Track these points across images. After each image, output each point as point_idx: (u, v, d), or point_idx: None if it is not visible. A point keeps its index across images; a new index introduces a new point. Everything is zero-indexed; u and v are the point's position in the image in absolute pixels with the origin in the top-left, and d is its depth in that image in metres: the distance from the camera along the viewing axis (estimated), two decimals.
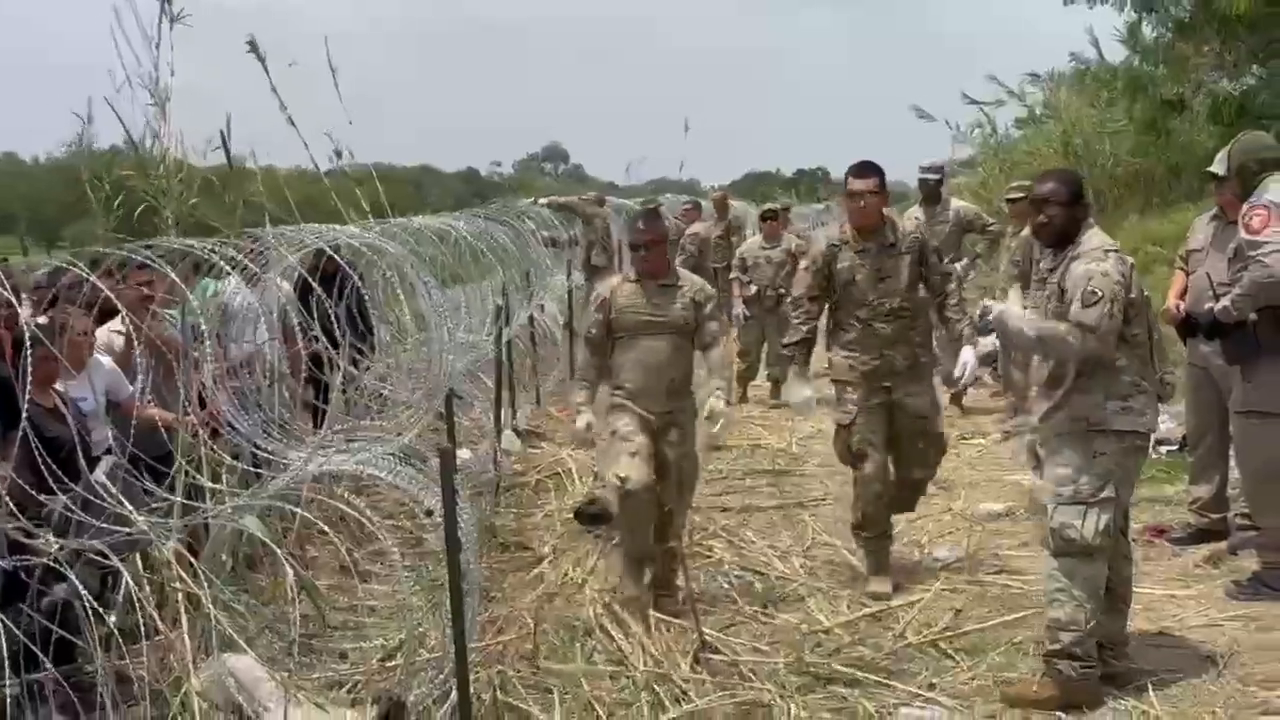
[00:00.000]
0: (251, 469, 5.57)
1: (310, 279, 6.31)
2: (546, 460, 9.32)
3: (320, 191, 9.71)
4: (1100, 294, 4.60)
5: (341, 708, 4.83)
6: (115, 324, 6.29)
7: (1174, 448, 8.18)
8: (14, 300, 4.67)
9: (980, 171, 24.32)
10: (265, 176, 8.02)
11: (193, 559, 5.01)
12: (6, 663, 4.38)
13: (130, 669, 5.05)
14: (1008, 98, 23.10)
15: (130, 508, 4.59)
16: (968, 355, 6.39)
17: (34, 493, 4.65)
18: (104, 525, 4.52)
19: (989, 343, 7.99)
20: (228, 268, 5.10)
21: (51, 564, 4.39)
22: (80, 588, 4.29)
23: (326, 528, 6.06)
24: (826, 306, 6.49)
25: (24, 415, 4.23)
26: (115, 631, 4.78)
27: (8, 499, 4.40)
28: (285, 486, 5.53)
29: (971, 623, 5.78)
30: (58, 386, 5.42)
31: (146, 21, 5.30)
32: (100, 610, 4.55)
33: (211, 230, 5.89)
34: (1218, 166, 6.05)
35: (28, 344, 4.54)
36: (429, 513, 6.18)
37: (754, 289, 11.65)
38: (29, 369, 4.45)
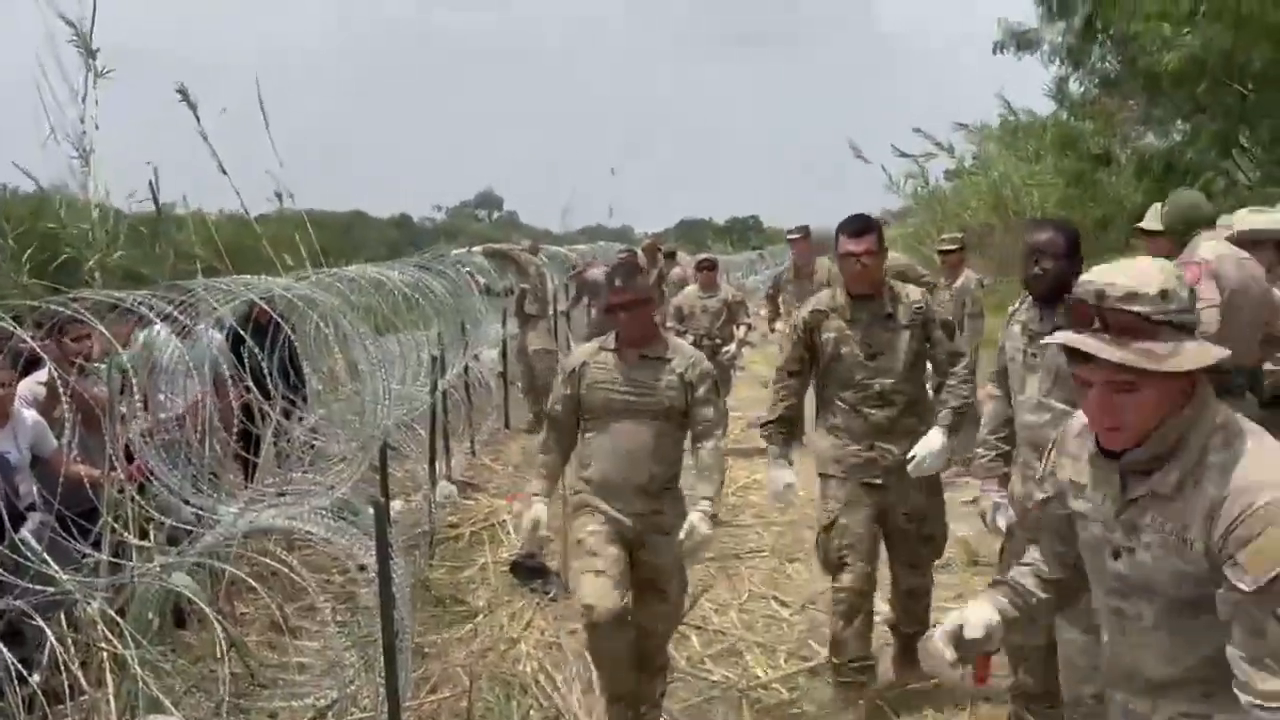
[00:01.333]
0: (180, 525, 5.47)
1: (241, 330, 6.25)
2: (482, 511, 9.26)
3: (251, 237, 9.64)
4: None
5: None
6: (40, 376, 6.18)
7: None
8: None
9: (911, 223, 24.73)
10: (196, 223, 7.96)
11: (119, 618, 4.91)
12: None
13: None
14: (937, 150, 23.56)
15: (55, 567, 4.50)
16: (934, 440, 5.25)
17: None
18: (28, 585, 4.43)
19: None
20: (156, 320, 5.03)
21: None
22: (2, 648, 4.20)
23: (256, 584, 5.97)
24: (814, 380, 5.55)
25: None
26: (39, 692, 4.68)
27: None
28: (215, 542, 5.45)
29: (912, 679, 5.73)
30: None
31: (71, 69, 5.25)
32: (24, 671, 4.45)
33: (141, 280, 5.82)
34: (1150, 222, 6.14)
35: None
36: (362, 568, 6.13)
37: (690, 338, 11.71)
38: None
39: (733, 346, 11.42)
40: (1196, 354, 2.27)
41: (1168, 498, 2.36)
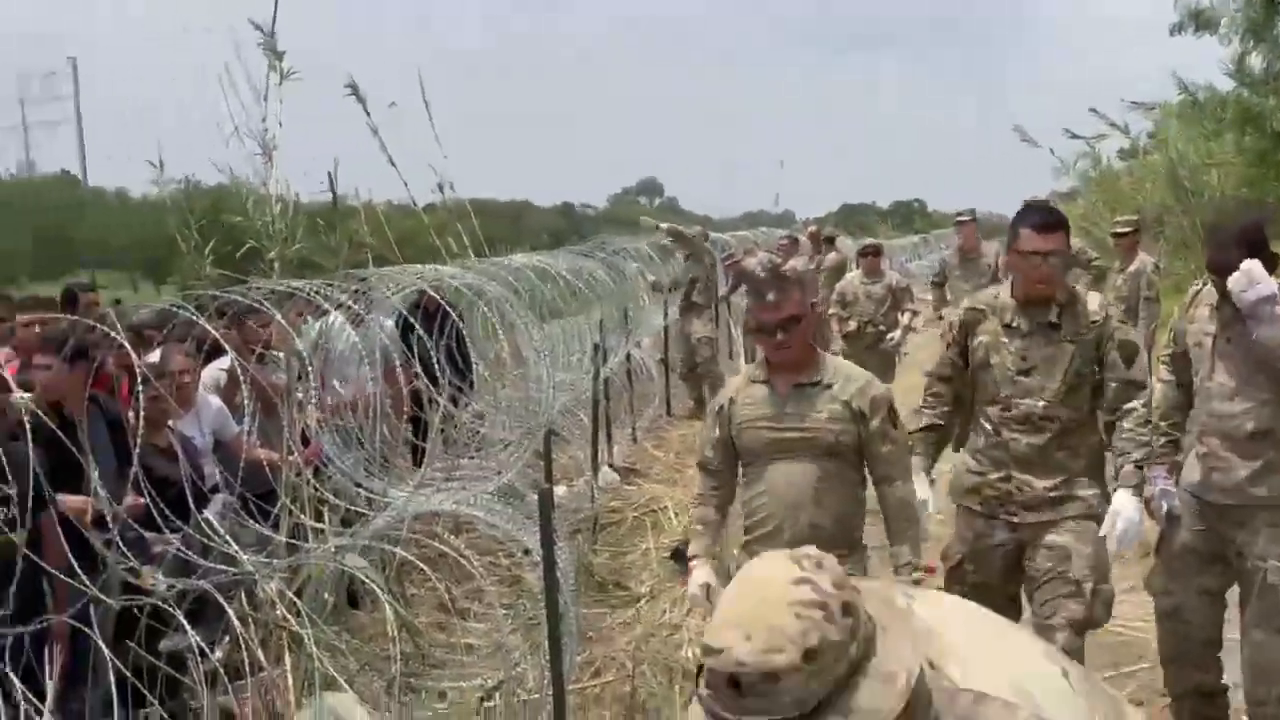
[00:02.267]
0: (353, 508, 5.64)
1: (411, 318, 6.40)
2: (643, 497, 9.32)
3: (419, 227, 9.88)
4: None
5: None
6: (222, 363, 6.43)
7: None
8: (126, 343, 4.79)
9: (1081, 203, 23.99)
10: (367, 214, 8.19)
11: (295, 597, 5.08)
12: (116, 698, 4.49)
13: (235, 706, 5.15)
14: (1110, 130, 22.80)
15: (236, 547, 4.67)
16: (1127, 507, 4.26)
17: (144, 532, 4.77)
18: (212, 565, 4.61)
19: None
20: (331, 308, 5.19)
21: (161, 604, 4.49)
22: (188, 627, 4.38)
23: (425, 566, 6.10)
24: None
25: (135, 455, 4.35)
26: (220, 668, 4.87)
27: (118, 540, 4.51)
28: (386, 525, 5.60)
29: None
30: (170, 424, 5.55)
31: (255, 71, 5.46)
32: (206, 648, 4.64)
33: (317, 269, 6.02)
34: None
35: (140, 384, 4.66)
36: (527, 551, 6.22)
37: (854, 324, 11.57)
38: (142, 409, 4.57)
39: (897, 333, 11.23)
40: (872, 707, 1.72)
41: None
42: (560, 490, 8.26)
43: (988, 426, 4.47)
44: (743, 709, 1.66)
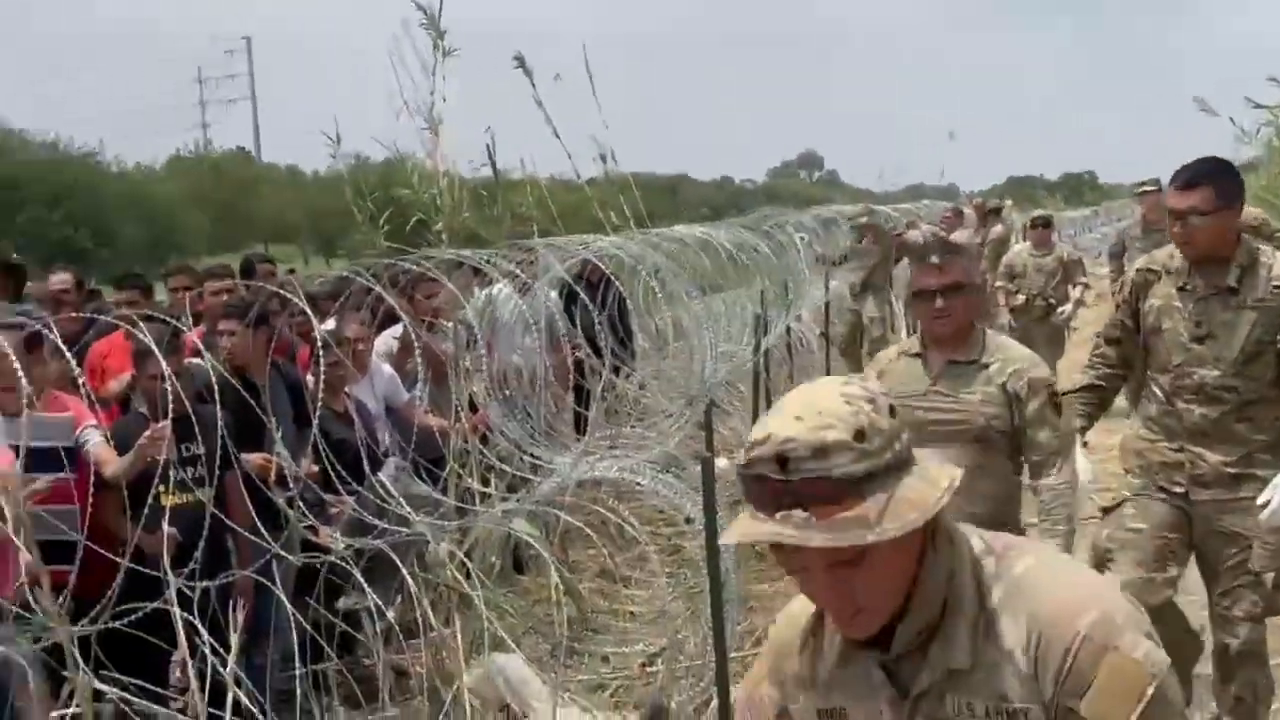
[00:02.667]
0: (519, 474, 5.76)
1: (576, 287, 6.50)
2: None
3: (580, 200, 9.99)
4: None
5: (606, 711, 4.94)
6: (394, 331, 6.63)
7: None
8: (308, 309, 4.98)
9: (1262, 174, 22.98)
10: (530, 186, 8.33)
11: (466, 559, 5.22)
12: (297, 653, 4.69)
13: (408, 664, 5.32)
14: None
15: (409, 509, 4.82)
16: None
17: (322, 493, 4.97)
18: (386, 526, 4.76)
19: None
20: (499, 277, 5.30)
21: (340, 561, 4.66)
22: (365, 585, 4.54)
23: (590, 532, 6.20)
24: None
25: (315, 419, 4.53)
26: (395, 627, 5.05)
27: (299, 500, 4.71)
28: (551, 492, 5.71)
29: None
30: (346, 390, 5.75)
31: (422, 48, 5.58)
32: (381, 607, 4.81)
33: (482, 242, 6.14)
34: None
35: (320, 351, 4.84)
36: (689, 520, 6.28)
37: (1022, 298, 11.31)
38: (321, 375, 4.75)
39: (1068, 307, 10.92)
40: (917, 496, 1.64)
41: (965, 671, 1.71)
42: (721, 463, 8.27)
43: (1159, 394, 4.17)
44: (788, 491, 1.60)
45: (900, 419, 1.68)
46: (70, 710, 4.16)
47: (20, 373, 3.88)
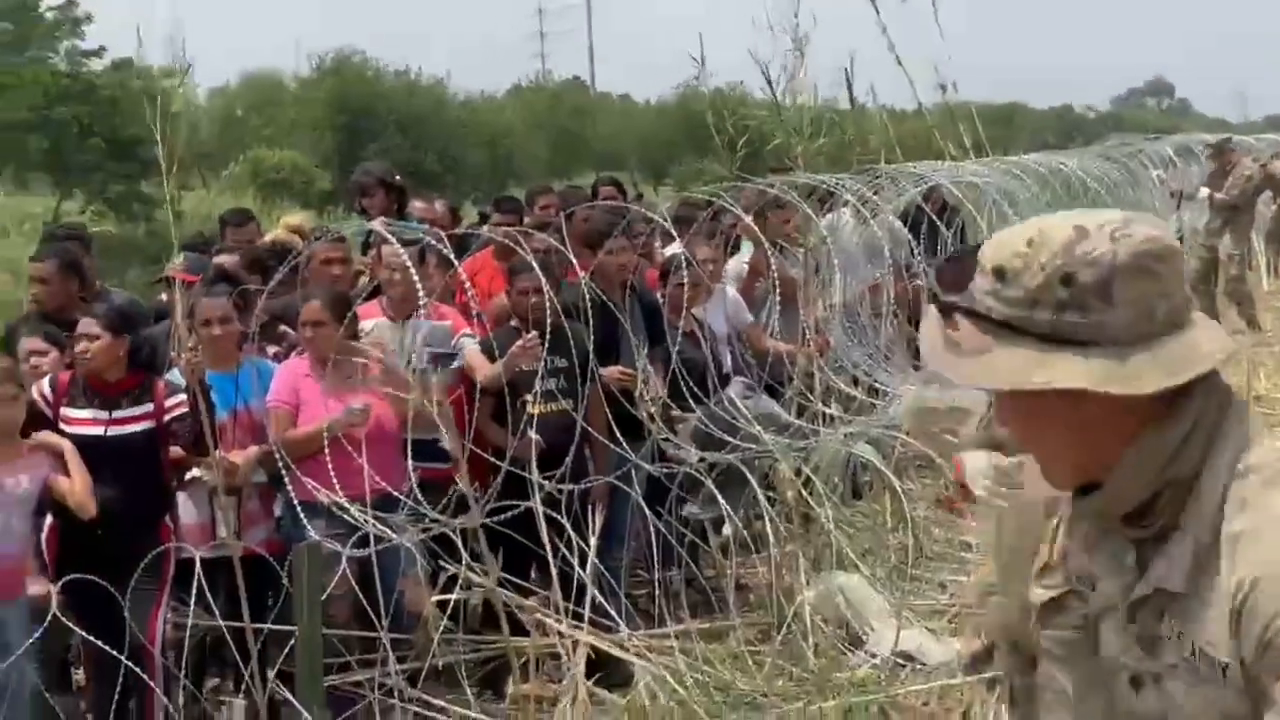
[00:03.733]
0: (862, 398, 5.82)
1: (924, 213, 6.47)
2: None
3: (919, 128, 9.85)
4: None
5: (947, 637, 4.97)
6: (743, 255, 6.77)
7: None
8: (671, 229, 5.17)
9: None
10: (874, 114, 8.27)
11: (812, 477, 5.34)
12: (646, 558, 4.96)
13: (748, 578, 5.52)
14: None
15: (758, 427, 4.97)
16: None
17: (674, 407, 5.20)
18: (736, 442, 4.94)
19: None
20: (855, 202, 5.33)
21: (694, 471, 4.88)
22: (718, 495, 4.74)
23: (932, 458, 6.18)
24: None
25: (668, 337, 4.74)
26: (738, 541, 5.24)
27: (654, 413, 4.95)
28: (890, 418, 5.75)
29: None
30: (695, 312, 5.94)
31: None
32: (731, 515, 5.01)
33: (832, 168, 6.18)
34: None
35: (671, 273, 5.05)
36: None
37: None
38: (668, 295, 4.96)
39: None
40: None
41: (1182, 596, 1.45)
42: None
43: None
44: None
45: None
46: (451, 597, 4.58)
47: (417, 282, 4.25)
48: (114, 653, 4.20)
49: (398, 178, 6.73)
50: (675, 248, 6.22)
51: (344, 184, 21.20)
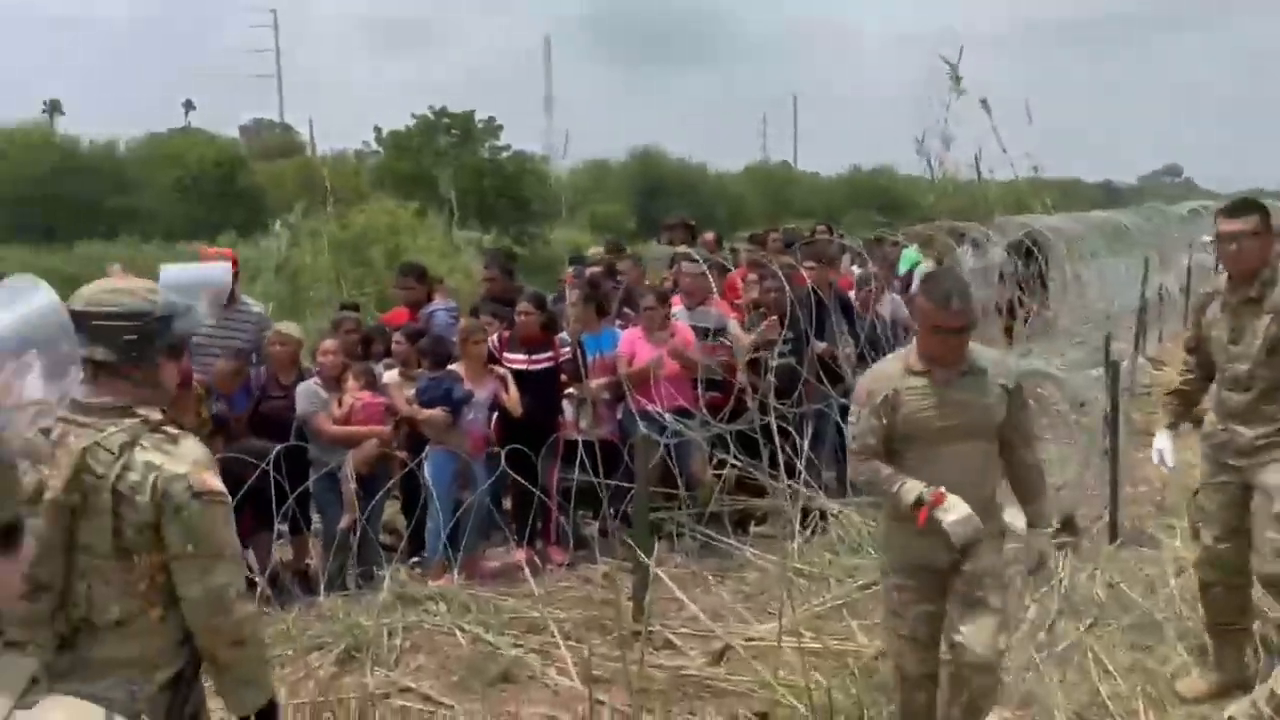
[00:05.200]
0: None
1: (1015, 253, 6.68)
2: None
3: (1008, 192, 9.88)
4: None
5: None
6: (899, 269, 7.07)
7: None
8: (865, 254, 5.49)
9: None
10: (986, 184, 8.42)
11: None
12: (840, 459, 5.33)
13: None
14: None
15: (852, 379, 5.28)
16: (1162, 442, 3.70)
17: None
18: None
19: None
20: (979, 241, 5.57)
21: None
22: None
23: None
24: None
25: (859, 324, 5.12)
26: None
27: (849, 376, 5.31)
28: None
29: None
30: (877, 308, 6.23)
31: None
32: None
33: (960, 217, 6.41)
34: None
35: (860, 284, 5.38)
36: (1082, 404, 6.17)
37: None
38: (858, 297, 5.31)
39: None
40: None
41: None
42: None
43: (1217, 389, 3.58)
44: None
45: None
46: (722, 472, 5.09)
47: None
48: (530, 486, 4.93)
49: (691, 221, 7.50)
50: (857, 268, 6.64)
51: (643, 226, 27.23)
